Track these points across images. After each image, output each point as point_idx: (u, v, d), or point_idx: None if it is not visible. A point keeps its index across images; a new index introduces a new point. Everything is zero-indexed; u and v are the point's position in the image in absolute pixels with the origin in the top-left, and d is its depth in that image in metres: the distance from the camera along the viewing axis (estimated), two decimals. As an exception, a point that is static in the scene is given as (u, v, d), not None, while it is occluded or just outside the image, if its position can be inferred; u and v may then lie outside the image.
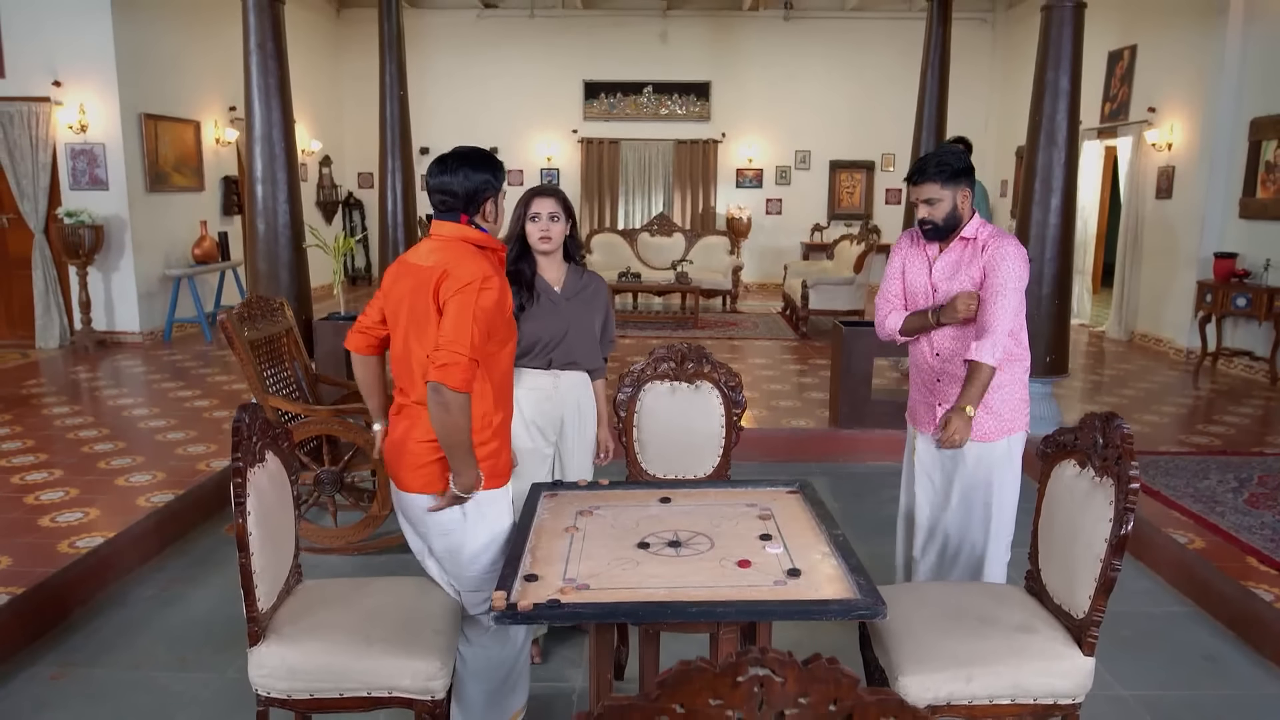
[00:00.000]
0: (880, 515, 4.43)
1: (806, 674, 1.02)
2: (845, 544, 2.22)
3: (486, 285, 2.21)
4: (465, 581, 2.42)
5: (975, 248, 2.81)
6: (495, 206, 2.36)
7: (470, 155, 2.35)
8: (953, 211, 2.79)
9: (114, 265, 8.21)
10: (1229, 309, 7.28)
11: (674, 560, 2.19)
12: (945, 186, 2.75)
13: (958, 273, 2.82)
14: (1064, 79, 5.21)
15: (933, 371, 2.92)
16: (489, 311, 2.23)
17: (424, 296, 2.23)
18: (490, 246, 2.34)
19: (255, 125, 5.31)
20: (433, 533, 2.37)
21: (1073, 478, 2.32)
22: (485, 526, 2.38)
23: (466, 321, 2.17)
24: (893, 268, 3.03)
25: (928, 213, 2.79)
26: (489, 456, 2.36)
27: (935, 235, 2.84)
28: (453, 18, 12.88)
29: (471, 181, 2.30)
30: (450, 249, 2.27)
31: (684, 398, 3.25)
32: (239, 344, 3.91)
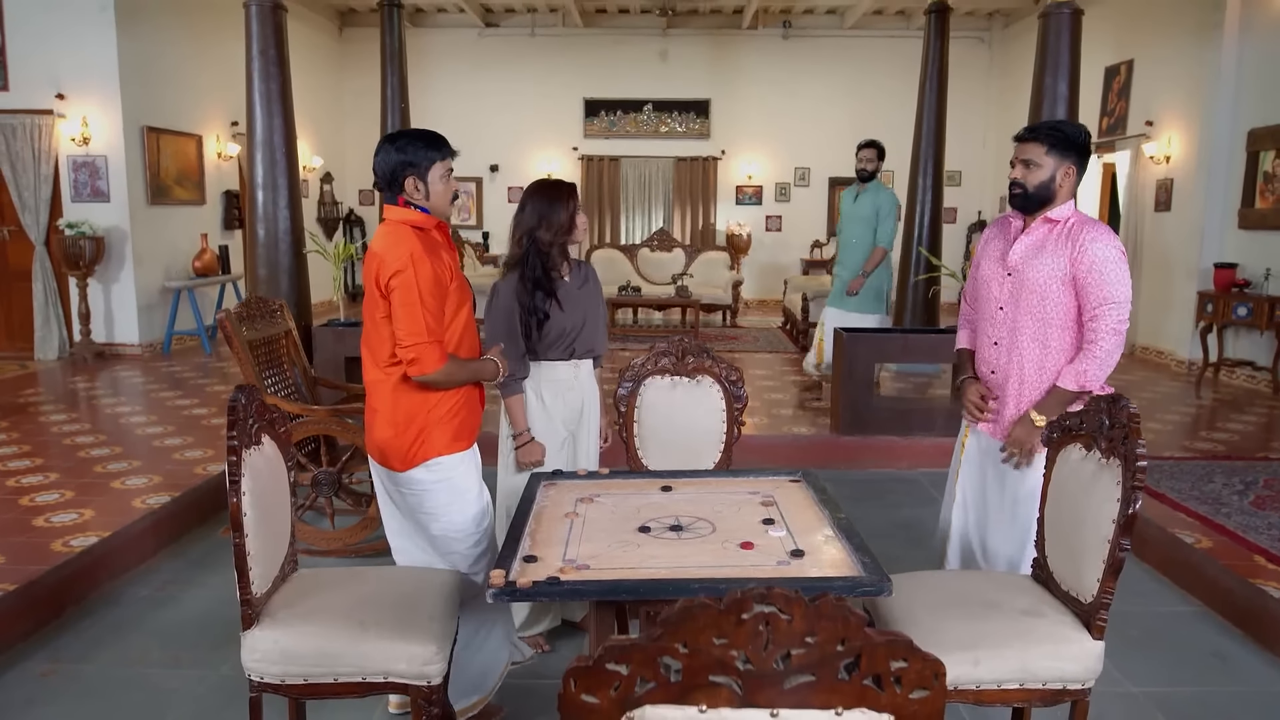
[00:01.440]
0: (884, 520, 4.40)
1: (813, 611, 0.99)
2: (849, 526, 2.19)
3: (417, 264, 2.31)
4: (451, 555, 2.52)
5: (1062, 232, 2.58)
6: (422, 184, 2.40)
7: (396, 135, 2.43)
8: (1049, 183, 2.56)
9: (114, 277, 8.21)
10: (1230, 319, 7.27)
11: (675, 542, 2.16)
12: (1050, 153, 2.55)
13: (1039, 256, 2.59)
14: (1062, 84, 5.23)
15: (986, 363, 2.78)
16: (430, 286, 2.34)
17: (370, 280, 2.38)
18: (426, 225, 2.42)
19: (257, 132, 5.33)
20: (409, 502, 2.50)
21: (1079, 461, 2.29)
22: (451, 487, 2.49)
23: (414, 308, 2.32)
24: (974, 261, 2.88)
25: (1021, 174, 2.58)
26: (451, 417, 2.47)
27: (1022, 203, 2.61)
28: (454, 36, 12.98)
29: (388, 162, 2.38)
30: (390, 233, 2.38)
31: (685, 392, 3.23)
32: (237, 342, 3.89)
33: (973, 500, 2.88)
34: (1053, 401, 2.59)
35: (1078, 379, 2.57)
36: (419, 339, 2.33)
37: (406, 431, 2.44)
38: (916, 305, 7.68)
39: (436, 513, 2.50)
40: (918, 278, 7.52)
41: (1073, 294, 2.57)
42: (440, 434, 2.46)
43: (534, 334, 2.89)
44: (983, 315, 2.80)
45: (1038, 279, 2.60)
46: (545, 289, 2.88)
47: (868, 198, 6.14)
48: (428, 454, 2.45)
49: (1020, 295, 2.64)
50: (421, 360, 2.35)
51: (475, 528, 2.54)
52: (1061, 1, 5.12)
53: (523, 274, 2.89)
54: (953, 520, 2.93)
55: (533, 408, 2.99)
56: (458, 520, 2.51)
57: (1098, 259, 2.51)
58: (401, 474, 2.47)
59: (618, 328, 10.19)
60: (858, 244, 6.16)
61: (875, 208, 6.09)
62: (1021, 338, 2.66)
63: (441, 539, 2.52)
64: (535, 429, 2.98)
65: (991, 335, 2.75)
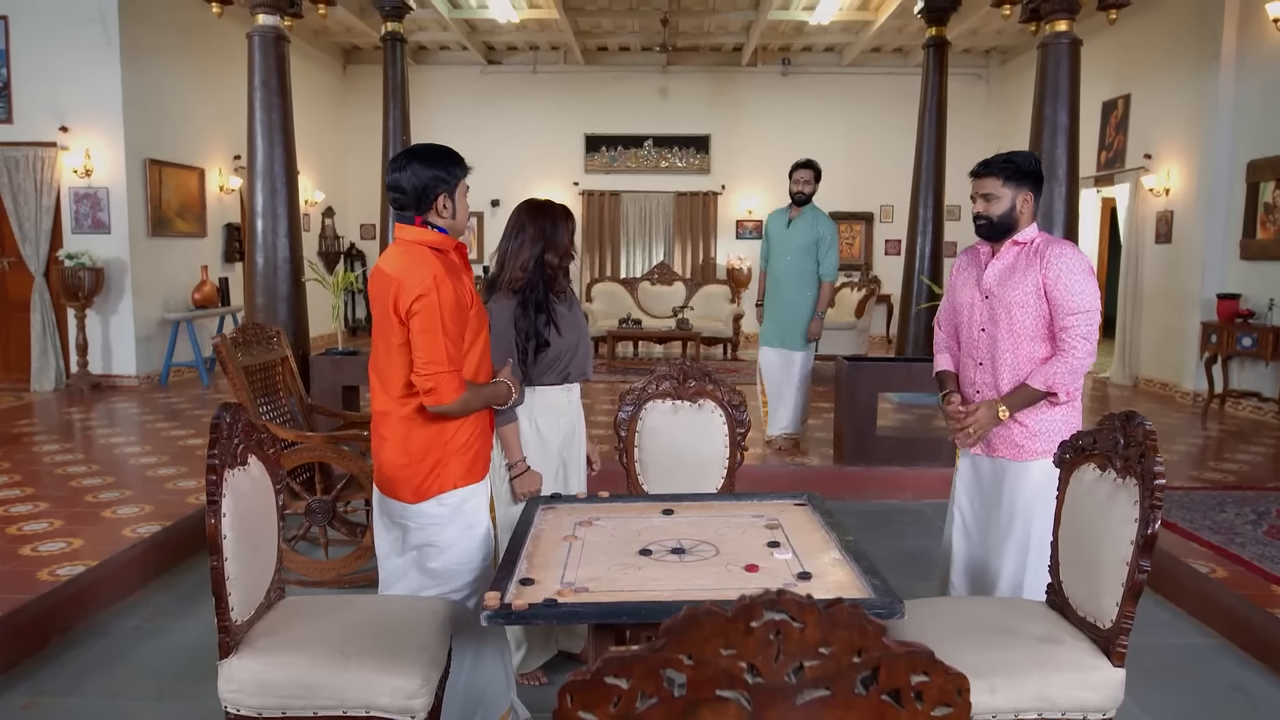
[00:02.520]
0: (889, 551, 4.30)
1: (828, 618, 0.92)
2: (858, 549, 2.12)
3: (440, 288, 2.22)
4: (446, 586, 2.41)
5: (1029, 252, 2.70)
6: (450, 202, 2.32)
7: (421, 151, 2.34)
8: (1009, 212, 2.70)
9: (113, 308, 8.18)
10: (1234, 349, 7.22)
11: (678, 565, 2.08)
12: (1006, 184, 2.68)
13: (1011, 278, 2.71)
14: (1062, 114, 5.24)
15: (972, 384, 2.84)
16: (453, 311, 2.24)
17: (385, 305, 2.28)
18: (445, 247, 2.33)
19: (257, 161, 5.33)
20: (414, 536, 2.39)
21: (1093, 482, 2.22)
22: (462, 522, 2.39)
23: (435, 335, 2.22)
24: (947, 289, 2.99)
25: (984, 207, 2.72)
26: (466, 449, 2.38)
27: (988, 233, 2.75)
28: (457, 73, 13.11)
29: (420, 178, 2.27)
30: (405, 254, 2.28)
31: (686, 416, 3.17)
32: (232, 366, 3.83)
33: (971, 521, 2.89)
34: (1019, 397, 2.69)
35: (1046, 380, 2.66)
36: (439, 367, 2.23)
37: (421, 463, 2.34)
38: (918, 335, 7.64)
39: (443, 546, 2.39)
40: (920, 307, 7.48)
41: (1046, 308, 2.67)
42: (456, 466, 2.37)
43: (530, 358, 2.81)
44: (964, 339, 2.87)
45: (1013, 298, 2.70)
46: (547, 313, 2.81)
47: (805, 224, 5.48)
48: (442, 487, 2.35)
49: (998, 315, 2.73)
50: (440, 390, 2.24)
51: (481, 561, 2.45)
52: (1060, 32, 5.15)
53: (524, 298, 2.81)
54: (954, 542, 2.93)
55: (527, 435, 2.88)
56: (464, 554, 2.42)
57: (1064, 271, 2.63)
58: (412, 506, 2.37)
59: (618, 360, 10.14)
60: (797, 275, 5.47)
61: (815, 235, 5.42)
62: (1001, 353, 2.73)
63: (443, 572, 2.42)
64: (531, 457, 2.88)
65: (975, 356, 2.81)
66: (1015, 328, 2.70)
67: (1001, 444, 2.77)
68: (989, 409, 2.70)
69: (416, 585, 2.45)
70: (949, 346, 2.99)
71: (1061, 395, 2.67)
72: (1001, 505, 2.75)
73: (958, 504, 2.93)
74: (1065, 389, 2.65)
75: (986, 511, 2.83)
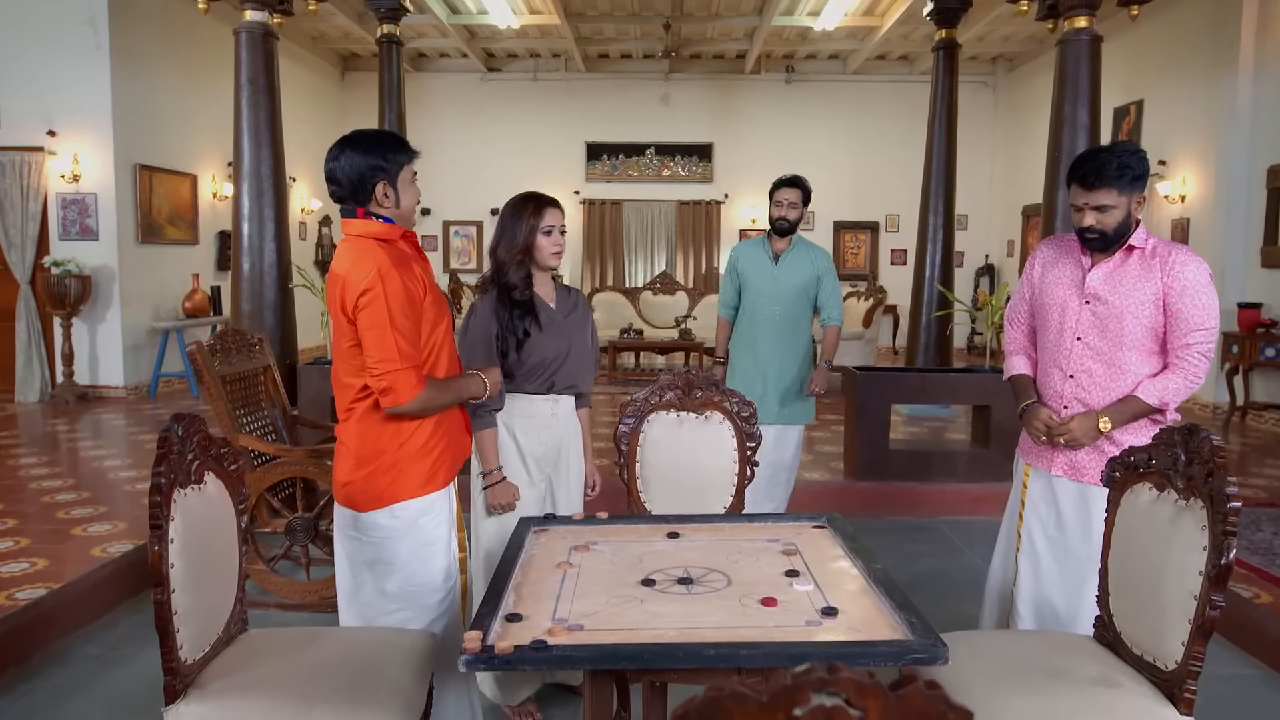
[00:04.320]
0: (906, 572, 4.05)
1: (898, 705, 0.68)
2: (887, 579, 1.88)
3: (385, 280, 2.03)
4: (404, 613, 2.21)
5: (1145, 258, 2.39)
6: (392, 190, 2.15)
7: (356, 138, 2.15)
8: (1125, 220, 2.37)
9: (100, 317, 7.96)
10: (1257, 360, 6.98)
11: (684, 598, 1.84)
12: (1123, 193, 2.33)
13: (1123, 283, 2.39)
14: (1083, 113, 5.03)
15: (1058, 398, 2.52)
16: (402, 303, 2.06)
17: (334, 306, 2.12)
18: (391, 236, 2.15)
19: (244, 161, 5.12)
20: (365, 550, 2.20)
21: (1150, 503, 1.99)
22: (417, 537, 2.19)
23: (384, 330, 2.04)
24: (1024, 284, 2.66)
25: (1096, 220, 2.35)
26: (425, 453, 2.18)
27: (1099, 246, 2.41)
28: (457, 80, 12.95)
29: (355, 167, 2.11)
30: (350, 250, 2.12)
31: (692, 429, 2.93)
32: (208, 376, 3.60)
33: (1046, 550, 2.56)
34: (1126, 410, 2.41)
35: (1161, 394, 2.38)
36: (391, 365, 2.05)
37: (373, 469, 2.15)
38: (929, 345, 7.40)
39: (396, 564, 2.18)
40: (932, 315, 7.25)
41: (1161, 319, 2.38)
42: (413, 473, 2.16)
43: (512, 355, 2.61)
44: (1048, 346, 2.55)
45: (1128, 306, 2.38)
46: (525, 308, 2.62)
47: (798, 260, 4.03)
48: (396, 495, 2.15)
49: (1106, 324, 2.41)
50: (396, 389, 2.06)
51: (441, 582, 2.22)
52: (1080, 28, 4.94)
53: (500, 292, 2.64)
54: (1021, 573, 2.61)
55: (505, 445, 2.68)
56: (420, 574, 2.20)
57: (1191, 283, 2.34)
58: (363, 516, 2.17)
59: (619, 371, 9.91)
60: (790, 327, 4.02)
61: (815, 272, 4.02)
62: (1104, 366, 2.42)
63: (399, 594, 2.20)
64: (509, 471, 2.67)
65: (1065, 367, 2.49)
66: (1125, 339, 2.39)
67: (1092, 467, 2.45)
68: (1087, 420, 2.41)
69: (374, 609, 2.22)
70: (1025, 348, 2.67)
71: (1169, 414, 2.39)
72: (1090, 537, 2.43)
73: (1027, 529, 2.60)
74: (1175, 405, 2.38)
75: (1065, 540, 2.52)
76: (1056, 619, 2.50)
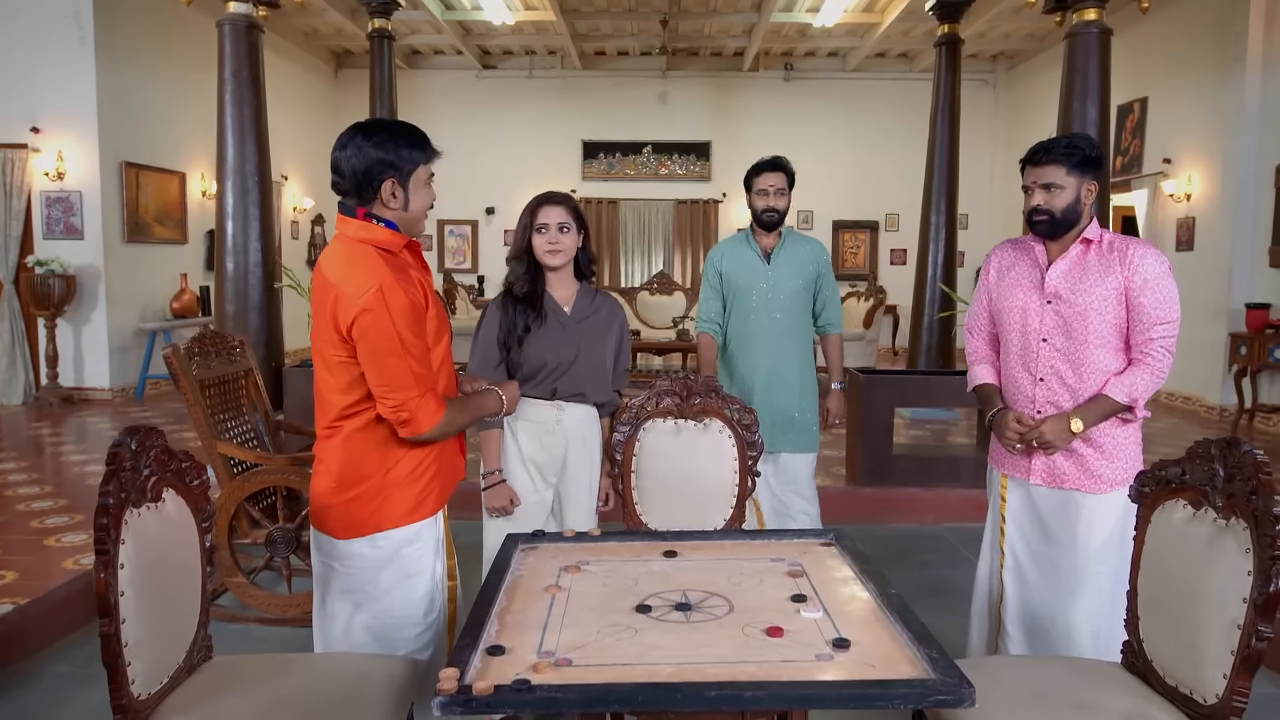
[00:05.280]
0: (911, 583, 3.91)
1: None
2: (904, 607, 1.73)
3: (389, 298, 1.83)
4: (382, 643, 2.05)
5: (1103, 252, 2.35)
6: (401, 190, 1.93)
7: (368, 127, 1.94)
8: (1073, 205, 2.34)
9: (85, 318, 7.80)
10: (1266, 362, 6.84)
11: (683, 627, 1.69)
12: (1071, 173, 2.32)
13: (1084, 280, 2.35)
14: (1092, 109, 4.89)
15: (1030, 403, 2.45)
16: (409, 321, 1.86)
17: (323, 314, 1.89)
18: (394, 246, 1.94)
19: (228, 157, 4.98)
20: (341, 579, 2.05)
21: (1185, 522, 1.84)
22: (399, 568, 2.02)
23: (394, 357, 1.84)
24: (980, 291, 2.61)
25: (1044, 200, 2.34)
26: (413, 480, 2.01)
27: (1047, 230, 2.38)
28: (451, 78, 12.79)
29: (363, 159, 1.89)
30: (345, 256, 1.90)
31: (690, 438, 2.78)
32: (185, 380, 3.44)
33: (1029, 562, 2.48)
34: (1096, 410, 2.34)
35: (1129, 391, 2.31)
36: (407, 393, 1.86)
37: (355, 495, 1.97)
38: (931, 346, 7.26)
39: (373, 595, 2.03)
40: (934, 315, 7.11)
41: (1124, 314, 2.33)
42: (398, 500, 1.99)
43: (514, 351, 2.55)
44: (1014, 350, 2.47)
45: (1088, 303, 2.32)
46: (527, 304, 2.57)
47: (794, 256, 3.43)
48: (378, 524, 1.98)
49: (1071, 323, 2.35)
50: (416, 419, 1.88)
51: (422, 616, 2.07)
52: (1090, 21, 4.80)
53: (507, 289, 2.62)
54: (1007, 590, 2.52)
55: (508, 449, 2.63)
56: (398, 608, 2.04)
57: (1151, 277, 2.30)
58: (340, 543, 2.00)
59: (616, 373, 9.75)
60: (792, 337, 3.44)
61: (814, 271, 3.46)
62: (1071, 366, 2.35)
63: (376, 626, 2.05)
64: (508, 474, 2.62)
65: (1034, 370, 2.42)
66: (1090, 337, 2.33)
67: (1073, 472, 2.38)
68: (1059, 422, 2.33)
69: (347, 640, 2.07)
70: (988, 356, 2.62)
71: (1138, 411, 2.34)
72: (1076, 546, 2.36)
73: (1010, 542, 2.52)
74: (1144, 401, 2.33)
75: (1050, 551, 2.43)
76: (1048, 638, 2.41)
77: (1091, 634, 2.34)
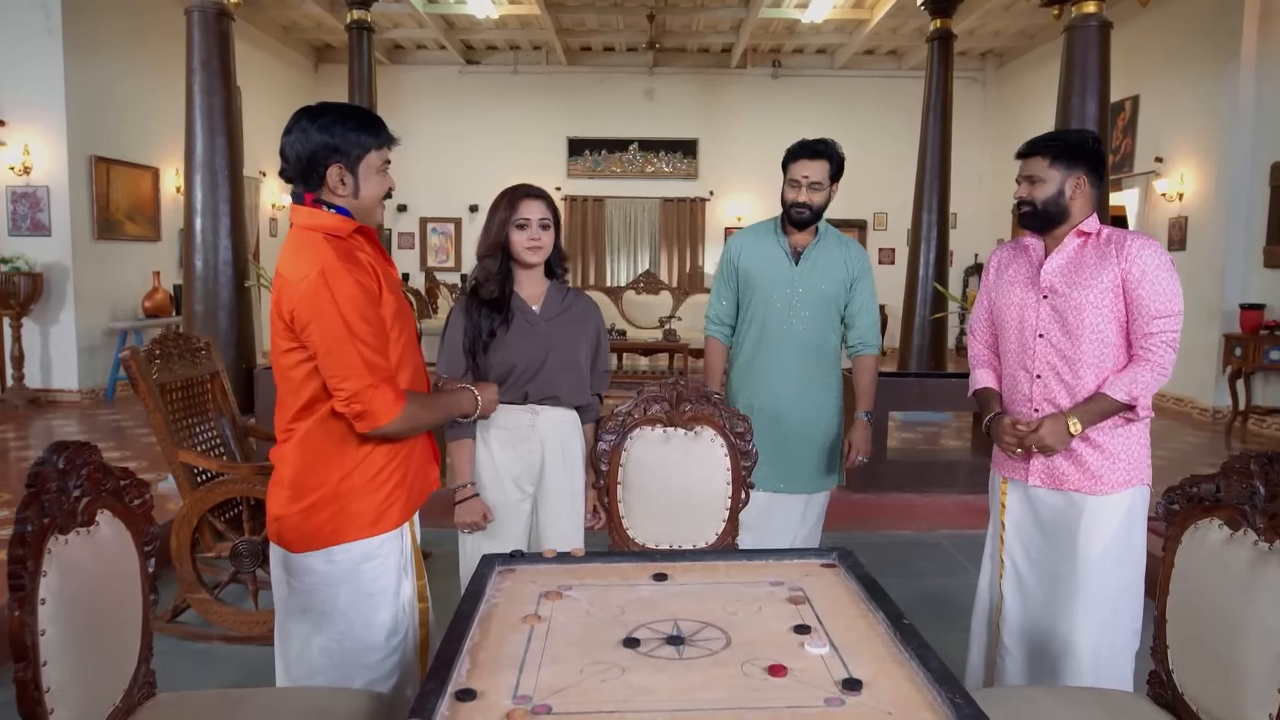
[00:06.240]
0: (907, 593, 3.76)
1: None
2: (918, 638, 1.57)
3: (333, 282, 1.70)
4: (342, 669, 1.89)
5: (1099, 243, 2.25)
6: (350, 177, 1.81)
7: (317, 110, 1.81)
8: (1056, 198, 2.25)
9: (53, 317, 7.55)
10: (1261, 363, 6.75)
11: (675, 665, 1.53)
12: (1053, 165, 2.25)
13: (1080, 274, 2.24)
14: (1091, 104, 4.77)
15: (1027, 401, 2.34)
16: (358, 306, 1.72)
17: (274, 306, 1.81)
18: (342, 231, 1.80)
19: (197, 150, 4.77)
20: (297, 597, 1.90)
21: (1222, 544, 1.69)
22: (358, 586, 1.86)
23: (344, 345, 1.71)
24: (982, 294, 2.53)
25: (1027, 191, 2.29)
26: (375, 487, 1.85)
27: (1032, 221, 2.31)
28: (434, 74, 12.57)
29: (307, 144, 1.77)
30: (293, 245, 1.79)
31: (680, 447, 2.61)
32: (144, 384, 3.25)
33: (1029, 571, 2.37)
34: (1094, 410, 2.21)
35: (1129, 389, 2.19)
36: (360, 382, 1.73)
37: (310, 504, 1.82)
38: (923, 346, 7.13)
39: (331, 615, 1.86)
40: (926, 316, 6.97)
41: (1122, 309, 2.23)
42: (357, 510, 1.84)
43: (480, 357, 2.39)
44: (1013, 348, 2.38)
45: (1084, 297, 2.23)
46: (494, 306, 2.39)
47: (828, 256, 2.92)
48: (336, 537, 1.82)
49: (1065, 317, 2.26)
50: (371, 410, 1.74)
51: (384, 641, 1.90)
52: (1089, 14, 4.67)
53: (473, 289, 2.44)
54: (1006, 602, 2.40)
55: (480, 459, 2.46)
56: (357, 630, 1.87)
57: (1150, 268, 2.19)
58: (294, 557, 1.85)
59: (602, 374, 9.58)
60: (825, 351, 2.95)
61: (849, 276, 2.94)
62: (1068, 363, 2.26)
63: (331, 651, 1.88)
64: (482, 485, 2.45)
65: (1031, 368, 2.32)
66: (1086, 332, 2.23)
67: (1073, 473, 2.26)
68: (1056, 423, 2.22)
69: (303, 665, 1.91)
70: (989, 360, 2.51)
71: (1141, 409, 2.21)
72: (1076, 552, 2.24)
73: (1009, 550, 2.41)
74: (1146, 400, 2.20)
75: (1051, 559, 2.31)
76: (1047, 653, 2.29)
77: (1092, 650, 2.22)
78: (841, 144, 3.04)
